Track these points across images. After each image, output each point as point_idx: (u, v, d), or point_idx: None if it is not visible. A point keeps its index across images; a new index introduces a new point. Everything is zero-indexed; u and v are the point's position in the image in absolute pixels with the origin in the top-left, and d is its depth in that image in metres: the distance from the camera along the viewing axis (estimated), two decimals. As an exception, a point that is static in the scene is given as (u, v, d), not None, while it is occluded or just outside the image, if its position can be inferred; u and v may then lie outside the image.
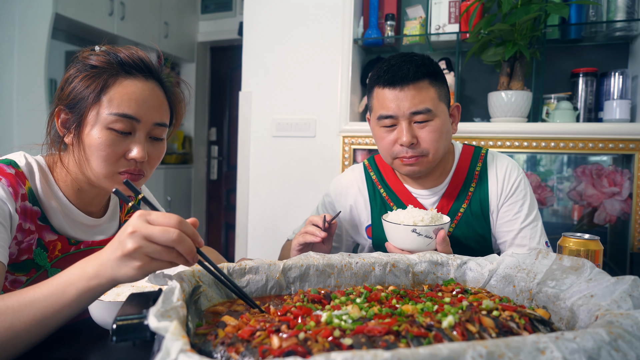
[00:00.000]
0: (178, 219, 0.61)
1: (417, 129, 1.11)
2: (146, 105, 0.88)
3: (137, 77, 0.90)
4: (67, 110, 0.88)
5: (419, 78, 1.09)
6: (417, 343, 0.51)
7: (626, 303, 0.57)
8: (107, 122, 0.85)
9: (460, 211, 1.20)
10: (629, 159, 1.81)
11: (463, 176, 1.22)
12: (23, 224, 0.85)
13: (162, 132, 0.93)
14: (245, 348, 0.50)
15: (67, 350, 0.74)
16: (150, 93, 0.90)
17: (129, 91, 0.87)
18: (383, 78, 1.11)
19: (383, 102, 1.12)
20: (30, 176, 0.88)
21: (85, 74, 0.87)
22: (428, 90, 1.10)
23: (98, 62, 0.88)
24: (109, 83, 0.86)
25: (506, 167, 1.21)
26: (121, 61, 0.89)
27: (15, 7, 2.62)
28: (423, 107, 1.09)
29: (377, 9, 2.09)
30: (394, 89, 1.10)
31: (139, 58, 0.91)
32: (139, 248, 0.59)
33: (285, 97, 2.23)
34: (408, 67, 1.09)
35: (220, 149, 4.23)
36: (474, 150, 1.25)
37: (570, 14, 1.86)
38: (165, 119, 0.93)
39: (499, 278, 0.80)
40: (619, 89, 1.84)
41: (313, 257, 0.82)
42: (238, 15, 3.89)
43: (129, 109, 0.86)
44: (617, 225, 1.91)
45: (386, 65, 1.13)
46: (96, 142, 0.85)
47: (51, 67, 2.66)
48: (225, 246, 4.21)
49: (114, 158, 0.87)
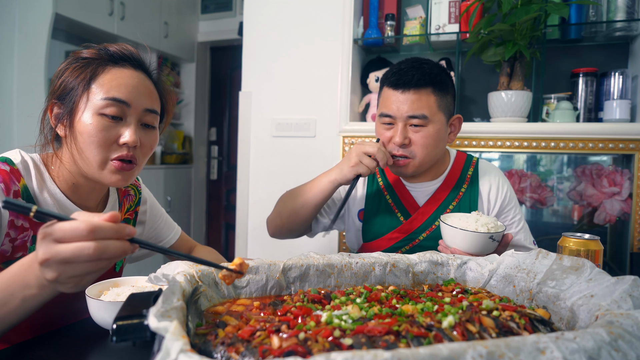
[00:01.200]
0: (88, 228, 0.56)
1: (411, 131, 1.19)
2: (136, 91, 0.90)
3: (126, 66, 0.92)
4: (59, 102, 0.90)
5: (421, 85, 1.16)
6: (417, 343, 0.51)
7: (626, 303, 0.57)
8: (97, 108, 0.86)
9: (449, 207, 1.27)
10: (629, 159, 1.81)
11: (456, 177, 1.30)
12: (15, 220, 0.85)
13: (153, 120, 0.94)
14: (245, 348, 0.50)
15: (67, 350, 0.74)
16: (139, 81, 0.92)
17: (118, 77, 0.89)
18: (390, 79, 1.20)
19: (386, 102, 1.21)
20: (25, 173, 0.89)
21: (75, 65, 0.89)
22: (428, 98, 1.17)
23: (88, 54, 0.91)
24: (98, 71, 0.88)
25: (497, 182, 1.30)
26: (110, 52, 0.91)
27: (15, 7, 2.61)
28: (419, 113, 1.16)
29: (377, 9, 2.09)
30: (397, 91, 1.18)
31: (128, 51, 0.93)
32: (61, 274, 0.57)
33: (285, 97, 2.23)
34: (414, 73, 1.16)
35: (220, 149, 4.23)
36: (466, 156, 1.35)
37: (570, 14, 1.86)
38: (155, 106, 0.94)
39: (499, 278, 0.80)
40: (619, 89, 1.84)
41: (313, 257, 0.82)
42: (238, 15, 3.89)
43: (118, 93, 0.87)
44: (617, 225, 1.91)
45: (396, 67, 1.21)
46: (88, 129, 0.86)
47: (51, 67, 2.66)
48: (225, 246, 4.21)
49: (107, 143, 0.87)
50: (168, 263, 0.71)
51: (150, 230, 1.16)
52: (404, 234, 1.26)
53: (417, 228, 1.26)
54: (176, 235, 1.21)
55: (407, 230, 1.26)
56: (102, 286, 0.87)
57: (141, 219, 1.13)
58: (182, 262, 0.70)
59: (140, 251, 1.17)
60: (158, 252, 0.67)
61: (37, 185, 0.89)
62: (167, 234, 1.20)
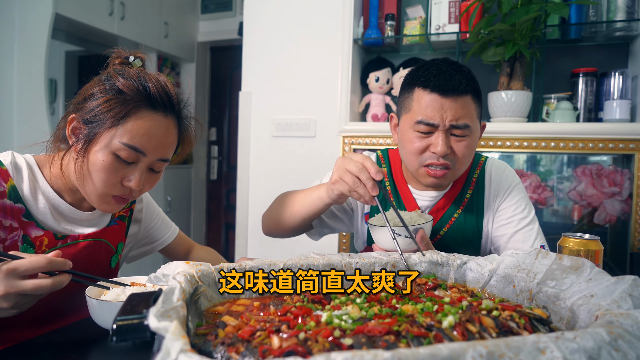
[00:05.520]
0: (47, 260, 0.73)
1: (452, 140, 1.09)
2: (157, 142, 0.90)
3: (159, 111, 0.90)
4: (83, 123, 0.89)
5: (467, 92, 1.07)
6: (417, 343, 0.51)
7: (626, 303, 0.57)
8: (115, 148, 0.87)
9: (454, 216, 1.20)
10: (629, 159, 1.81)
11: (462, 183, 1.22)
12: (3, 221, 0.86)
13: (162, 166, 0.96)
14: (246, 348, 0.50)
15: (67, 350, 0.74)
16: (165, 130, 0.91)
17: (146, 125, 0.88)
18: (433, 82, 1.06)
19: (425, 107, 1.07)
20: (15, 174, 0.90)
21: (110, 96, 0.87)
22: (470, 106, 1.08)
23: (125, 89, 0.88)
24: (130, 113, 0.87)
25: (502, 171, 1.22)
26: (148, 93, 0.89)
27: (15, 7, 2.61)
28: (462, 123, 1.06)
29: (377, 9, 2.09)
30: (442, 97, 1.06)
31: (165, 93, 0.91)
32: (15, 304, 0.72)
33: (285, 97, 2.23)
34: (460, 78, 1.06)
35: (220, 149, 4.23)
36: (474, 156, 1.24)
37: (570, 14, 1.86)
38: (170, 155, 0.95)
39: (499, 278, 0.80)
40: (619, 89, 1.84)
41: (313, 257, 0.82)
42: (238, 15, 3.89)
43: (140, 144, 0.88)
44: (617, 225, 1.91)
45: (435, 69, 1.08)
46: (99, 164, 0.87)
47: (51, 67, 2.66)
48: (225, 246, 4.21)
49: (112, 182, 0.89)
50: (168, 263, 0.71)
51: (146, 229, 1.17)
52: None
53: None
54: (173, 235, 1.21)
55: None
56: (102, 286, 0.87)
57: (137, 217, 1.13)
58: (182, 262, 0.70)
59: (138, 250, 1.18)
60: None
61: (29, 187, 0.91)
62: (163, 233, 1.20)
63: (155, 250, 1.21)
